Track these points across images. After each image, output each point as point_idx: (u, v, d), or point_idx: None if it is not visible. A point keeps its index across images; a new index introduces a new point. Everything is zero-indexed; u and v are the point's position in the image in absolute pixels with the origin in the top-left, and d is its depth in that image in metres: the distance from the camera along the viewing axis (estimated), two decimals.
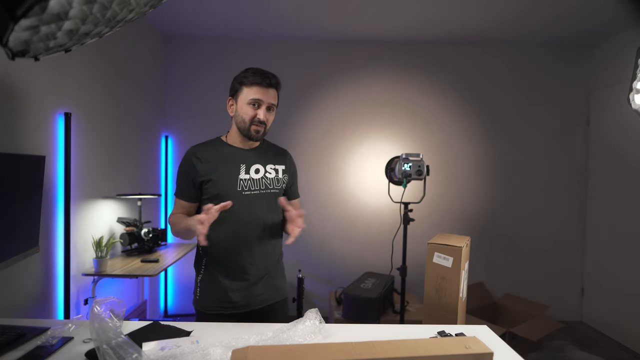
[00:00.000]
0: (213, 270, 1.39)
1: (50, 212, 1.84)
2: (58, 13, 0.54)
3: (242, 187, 1.38)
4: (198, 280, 1.43)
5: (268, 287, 1.44)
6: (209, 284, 1.40)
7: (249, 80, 1.37)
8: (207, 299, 1.39)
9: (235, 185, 1.37)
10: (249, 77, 1.37)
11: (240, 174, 1.39)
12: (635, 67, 1.22)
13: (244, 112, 1.38)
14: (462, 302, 1.63)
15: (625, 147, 2.98)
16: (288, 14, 2.81)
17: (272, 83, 1.38)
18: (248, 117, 1.37)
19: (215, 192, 1.36)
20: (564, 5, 2.60)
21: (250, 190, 1.39)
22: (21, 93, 1.68)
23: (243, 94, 1.38)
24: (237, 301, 1.38)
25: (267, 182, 1.43)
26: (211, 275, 1.40)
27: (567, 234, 3.44)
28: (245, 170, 1.40)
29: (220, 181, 1.37)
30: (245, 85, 1.37)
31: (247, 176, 1.40)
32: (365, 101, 3.40)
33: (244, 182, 1.39)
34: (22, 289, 1.68)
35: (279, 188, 1.46)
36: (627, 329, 2.93)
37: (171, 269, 3.31)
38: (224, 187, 1.36)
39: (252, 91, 1.37)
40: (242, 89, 1.38)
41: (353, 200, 3.41)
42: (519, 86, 3.42)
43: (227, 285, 1.37)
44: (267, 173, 1.44)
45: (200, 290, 1.41)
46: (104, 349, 0.84)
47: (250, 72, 1.38)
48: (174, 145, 3.35)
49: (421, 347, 0.83)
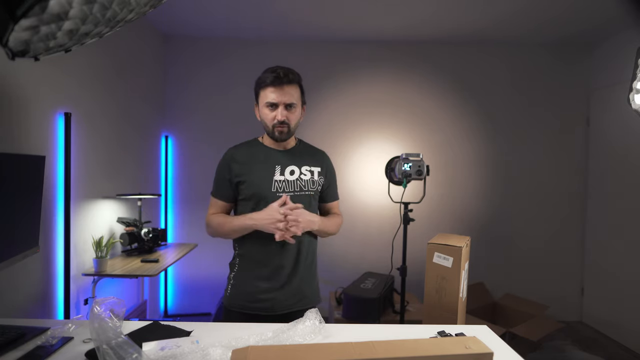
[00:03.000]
0: (245, 270, 1.41)
1: (50, 212, 1.84)
2: (58, 13, 0.54)
3: (276, 189, 1.37)
4: (230, 277, 1.45)
5: (296, 292, 1.41)
6: (239, 283, 1.42)
7: (264, 83, 1.36)
8: (235, 297, 1.41)
9: (270, 187, 1.37)
10: (262, 79, 1.36)
11: (275, 175, 1.39)
12: (635, 67, 1.22)
13: (264, 115, 1.38)
14: (462, 302, 1.63)
15: (625, 147, 2.98)
16: (288, 13, 2.81)
17: (285, 81, 1.33)
18: (269, 120, 1.37)
19: (251, 193, 1.38)
20: (563, 5, 2.60)
21: (285, 192, 1.38)
22: (21, 93, 1.68)
23: (261, 98, 1.38)
24: (263, 303, 1.37)
25: (302, 184, 1.41)
26: (243, 274, 1.42)
27: (567, 234, 3.44)
28: (280, 171, 1.40)
29: (255, 182, 1.38)
30: (261, 88, 1.37)
31: (282, 177, 1.39)
32: (365, 101, 3.40)
33: (279, 183, 1.38)
34: (22, 289, 1.68)
35: (314, 190, 1.45)
36: (627, 329, 2.92)
37: (171, 269, 3.31)
38: (259, 188, 1.37)
39: (266, 94, 1.35)
40: (260, 93, 1.38)
41: (353, 200, 3.41)
42: (518, 86, 3.42)
43: (256, 285, 1.38)
44: (302, 175, 1.42)
45: (230, 287, 1.43)
46: (104, 349, 0.84)
47: (265, 73, 1.36)
48: (174, 145, 3.35)
49: (421, 347, 0.83)
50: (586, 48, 3.38)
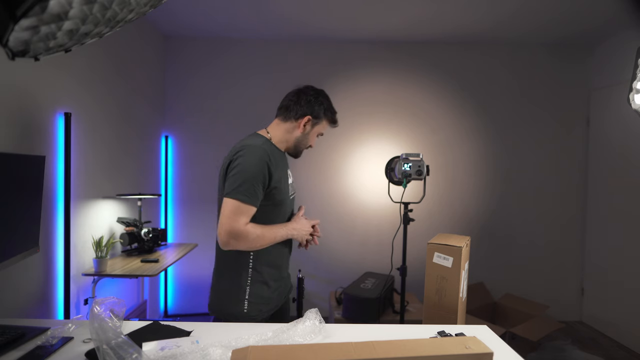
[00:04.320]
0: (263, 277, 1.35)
1: (50, 212, 1.84)
2: (58, 13, 0.54)
3: (291, 192, 1.46)
4: (246, 293, 1.32)
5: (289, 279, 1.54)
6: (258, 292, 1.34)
7: (331, 117, 1.46)
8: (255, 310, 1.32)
9: (288, 191, 1.42)
10: (333, 115, 1.47)
11: (289, 179, 1.45)
12: (635, 67, 1.22)
13: (311, 139, 1.46)
14: (462, 302, 1.63)
15: (626, 147, 2.98)
16: (288, 14, 2.81)
17: None
18: (309, 142, 1.46)
19: (280, 199, 1.35)
20: (564, 5, 2.60)
21: (291, 195, 1.47)
22: (21, 93, 1.68)
23: (321, 126, 1.45)
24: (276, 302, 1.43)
25: (295, 187, 1.54)
26: (261, 282, 1.34)
27: (567, 234, 3.44)
28: (289, 175, 1.47)
29: (284, 187, 1.38)
30: (327, 119, 1.45)
31: (290, 181, 1.46)
32: (365, 101, 3.40)
33: (290, 187, 1.45)
34: (22, 289, 1.68)
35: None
36: (627, 329, 2.93)
37: (171, 269, 3.31)
38: (285, 193, 1.39)
39: (327, 127, 1.48)
40: (323, 121, 1.44)
41: (353, 200, 3.41)
42: (518, 86, 3.42)
43: (274, 287, 1.40)
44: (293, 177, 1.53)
45: (248, 304, 1.32)
46: (104, 349, 0.84)
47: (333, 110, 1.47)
48: (174, 145, 3.35)
49: (421, 347, 0.83)
50: (586, 48, 3.38)
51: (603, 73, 3.26)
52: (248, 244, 1.25)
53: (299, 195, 3.34)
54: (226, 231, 1.21)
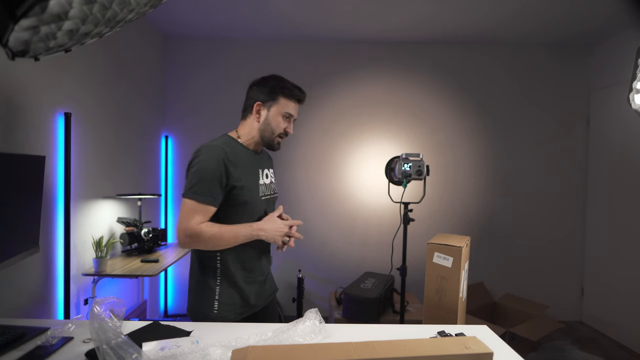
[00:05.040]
0: (233, 279, 1.32)
1: (50, 212, 1.84)
2: (58, 13, 0.54)
3: (262, 193, 1.39)
4: (216, 294, 1.31)
5: (270, 282, 1.49)
6: (228, 293, 1.32)
7: (289, 93, 1.36)
8: (226, 310, 1.31)
9: (258, 191, 1.37)
10: (288, 89, 1.36)
11: (260, 179, 1.40)
12: (635, 67, 1.22)
13: (276, 123, 1.36)
14: (462, 302, 1.63)
15: (626, 147, 2.98)
16: (288, 13, 2.81)
17: (304, 100, 1.42)
18: (279, 129, 1.37)
19: (245, 199, 1.31)
20: (564, 5, 2.60)
21: (265, 195, 1.40)
22: (21, 93, 1.68)
23: (279, 105, 1.36)
24: (252, 303, 1.38)
25: (274, 187, 1.48)
26: (230, 284, 1.33)
27: (567, 234, 3.44)
28: (261, 175, 1.41)
29: (250, 187, 1.33)
30: (284, 96, 1.36)
31: (262, 181, 1.41)
32: (365, 101, 3.40)
33: (262, 187, 1.40)
34: (22, 289, 1.68)
35: (277, 191, 1.54)
36: (627, 329, 2.93)
37: (171, 269, 3.31)
38: (252, 194, 1.34)
39: (290, 105, 1.37)
40: (279, 100, 1.36)
41: (353, 200, 3.41)
42: (518, 86, 3.42)
43: (247, 290, 1.35)
44: (272, 177, 1.49)
45: (219, 304, 1.31)
46: (104, 349, 0.84)
47: (287, 83, 1.39)
48: (174, 145, 3.35)
49: (421, 347, 0.83)
50: (586, 48, 3.38)
51: (603, 73, 3.26)
52: (204, 243, 1.24)
53: (300, 196, 3.34)
54: (181, 230, 1.23)
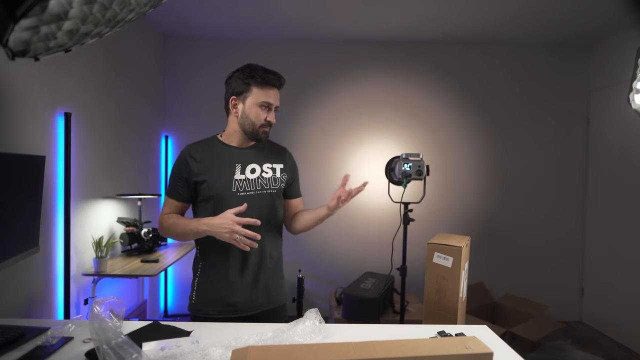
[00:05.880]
0: (209, 273, 1.36)
1: (50, 212, 1.84)
2: (58, 13, 0.54)
3: (237, 188, 1.33)
4: (195, 283, 1.39)
5: (263, 292, 1.38)
6: (205, 288, 1.36)
7: (259, 81, 1.30)
8: (201, 303, 1.35)
9: (230, 187, 1.33)
10: (261, 76, 1.30)
11: (236, 175, 1.34)
12: (635, 67, 1.22)
13: (254, 115, 1.33)
14: (462, 302, 1.63)
15: (626, 147, 2.98)
16: (288, 13, 2.81)
17: (281, 84, 1.36)
18: (259, 120, 1.33)
19: (210, 194, 1.32)
20: (564, 5, 2.60)
21: (245, 191, 1.34)
22: (21, 93, 1.68)
23: (253, 95, 1.32)
24: (231, 305, 1.33)
25: (264, 183, 1.38)
26: (207, 278, 1.36)
27: (567, 234, 3.44)
28: (240, 170, 1.35)
29: (215, 182, 1.32)
30: (255, 85, 1.31)
31: (243, 176, 1.35)
32: (365, 101, 3.40)
33: (239, 182, 1.34)
34: (22, 289, 1.68)
35: (277, 188, 1.41)
36: (627, 329, 2.93)
37: (171, 269, 3.31)
38: (219, 188, 1.32)
39: (263, 93, 1.31)
40: (251, 90, 1.31)
41: (353, 200, 3.37)
42: (519, 86, 3.42)
43: (222, 289, 1.33)
44: (264, 173, 1.39)
45: (195, 295, 1.37)
46: (104, 349, 0.84)
47: (258, 70, 1.32)
48: (174, 145, 3.35)
49: (421, 347, 0.83)
50: (586, 48, 3.38)
51: (603, 73, 3.26)
52: (165, 231, 1.37)
53: None
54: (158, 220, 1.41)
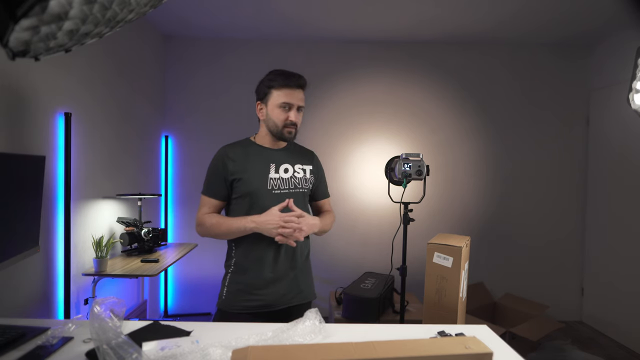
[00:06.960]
0: (241, 269, 1.42)
1: (50, 212, 1.84)
2: (58, 13, 0.54)
3: (272, 186, 1.42)
4: (226, 279, 1.44)
5: (293, 287, 1.45)
6: (236, 283, 1.42)
7: (278, 84, 1.39)
8: (233, 299, 1.40)
9: (265, 184, 1.41)
10: (277, 80, 1.40)
11: (270, 173, 1.43)
12: (635, 67, 1.22)
13: (275, 115, 1.41)
14: (462, 302, 1.63)
15: (625, 147, 2.99)
16: (288, 13, 2.81)
17: (300, 84, 1.42)
18: (280, 121, 1.41)
19: (246, 191, 1.40)
20: (564, 5, 2.60)
21: (279, 189, 1.43)
22: (21, 93, 1.68)
23: (273, 98, 1.41)
24: (263, 300, 1.39)
25: (296, 182, 1.47)
26: (239, 274, 1.42)
27: (566, 234, 3.44)
28: (275, 169, 1.44)
29: (251, 180, 1.40)
30: (274, 88, 1.40)
31: (277, 175, 1.43)
32: (365, 101, 3.40)
33: (274, 181, 1.42)
34: (22, 289, 1.68)
35: (307, 187, 1.50)
36: (627, 329, 2.93)
37: (171, 269, 3.31)
38: (255, 186, 1.40)
39: (282, 94, 1.40)
40: (272, 93, 1.41)
41: (353, 201, 3.41)
42: (519, 86, 3.42)
43: (254, 284, 1.39)
44: (296, 173, 1.48)
45: (227, 291, 1.43)
46: (104, 349, 0.84)
47: (277, 74, 1.41)
48: (174, 145, 3.35)
49: (421, 347, 0.83)
50: (586, 48, 3.38)
51: (603, 73, 3.26)
52: (207, 231, 1.42)
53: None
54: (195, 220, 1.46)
